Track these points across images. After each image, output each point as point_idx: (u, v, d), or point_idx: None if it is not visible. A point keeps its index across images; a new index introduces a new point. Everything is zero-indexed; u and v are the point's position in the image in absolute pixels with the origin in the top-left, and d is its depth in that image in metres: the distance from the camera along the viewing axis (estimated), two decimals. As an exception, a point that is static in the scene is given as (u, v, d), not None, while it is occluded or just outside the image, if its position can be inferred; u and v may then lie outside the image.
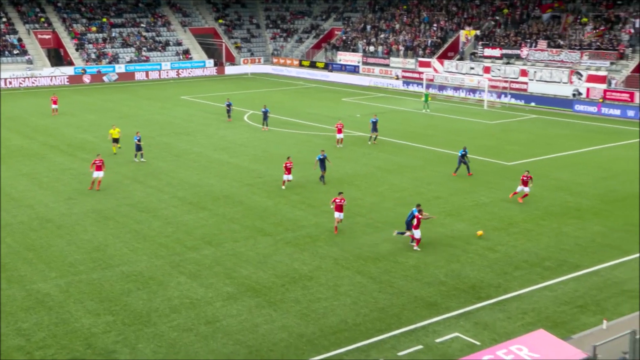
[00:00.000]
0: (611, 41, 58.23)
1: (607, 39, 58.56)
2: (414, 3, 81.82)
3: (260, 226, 26.63)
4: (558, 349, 14.16)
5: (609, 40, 58.36)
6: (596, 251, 23.77)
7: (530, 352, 13.77)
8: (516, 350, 13.85)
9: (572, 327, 18.35)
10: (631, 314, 18.99)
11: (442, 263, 22.81)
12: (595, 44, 58.52)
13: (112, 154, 37.92)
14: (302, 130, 46.19)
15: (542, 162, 36.88)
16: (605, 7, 63.08)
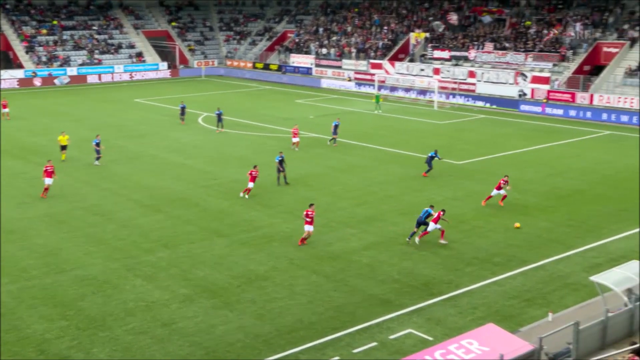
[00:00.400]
0: (553, 44, 59.63)
1: (549, 42, 59.95)
2: (365, 6, 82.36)
3: (216, 228, 26.43)
4: (506, 341, 14.45)
5: (551, 43, 59.76)
6: (542, 246, 24.31)
7: (480, 345, 14.02)
8: (467, 344, 14.09)
9: (520, 320, 18.72)
10: (575, 306, 19.52)
11: (396, 261, 23.01)
12: (538, 46, 59.83)
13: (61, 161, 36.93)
14: (256, 132, 46.02)
15: (490, 160, 37.54)
16: (547, 10, 64.57)
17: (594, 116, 50.77)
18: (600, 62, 57.10)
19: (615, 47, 56.53)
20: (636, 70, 53.37)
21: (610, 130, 46.30)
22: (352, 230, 25.97)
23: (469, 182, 32.95)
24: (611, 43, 57.11)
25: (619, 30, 58.01)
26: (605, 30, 58.75)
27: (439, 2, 74.87)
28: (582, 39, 58.78)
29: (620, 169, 35.39)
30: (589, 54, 57.34)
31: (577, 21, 60.65)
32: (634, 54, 55.60)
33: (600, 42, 57.63)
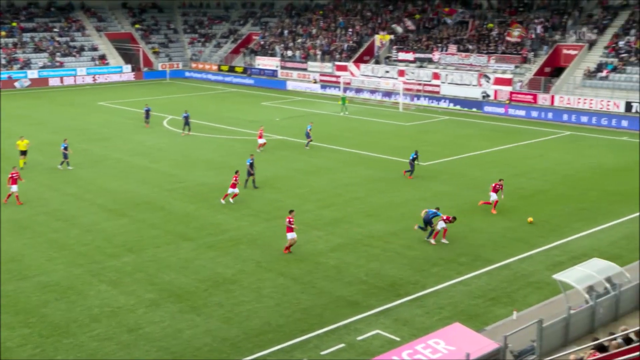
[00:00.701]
0: (515, 46, 60.52)
1: (511, 44, 60.82)
2: (329, 8, 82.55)
3: (182, 231, 26.19)
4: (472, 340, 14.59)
5: (513, 45, 60.64)
6: (506, 245, 24.63)
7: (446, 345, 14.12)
8: (434, 344, 14.18)
9: (485, 319, 18.93)
10: (538, 304, 19.81)
11: (362, 262, 23.07)
12: (499, 48, 60.64)
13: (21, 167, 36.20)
14: (222, 135, 45.76)
15: (455, 161, 37.91)
16: (508, 13, 65.50)
17: (555, 117, 51.64)
18: (560, 64, 58.12)
19: (575, 49, 57.60)
20: (595, 72, 54.46)
21: (571, 131, 47.14)
22: (319, 233, 25.97)
23: (434, 183, 33.23)
24: (570, 45, 58.18)
25: (577, 33, 59.14)
26: (564, 33, 59.84)
27: (402, 5, 75.45)
28: (543, 41, 59.78)
29: (580, 168, 36.06)
30: (549, 56, 58.32)
31: (538, 24, 61.66)
32: (592, 56, 56.72)
33: (560, 44, 58.68)
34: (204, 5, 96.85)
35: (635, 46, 54.50)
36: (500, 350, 14.82)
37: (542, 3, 64.90)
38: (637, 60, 53.37)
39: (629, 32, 56.50)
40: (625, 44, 55.44)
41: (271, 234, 25.78)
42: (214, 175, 34.69)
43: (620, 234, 25.70)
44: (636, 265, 21.28)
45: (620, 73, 53.16)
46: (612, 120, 48.72)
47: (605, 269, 18.45)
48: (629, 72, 52.93)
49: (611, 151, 40.47)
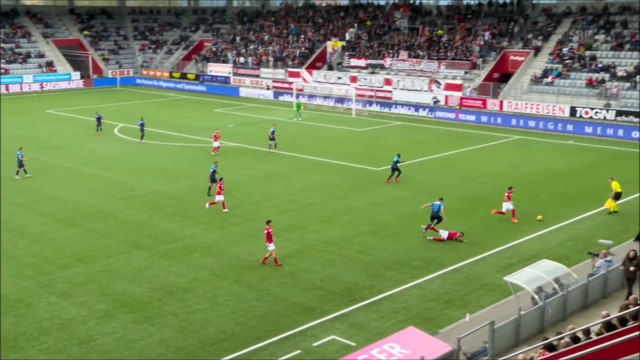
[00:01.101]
0: (464, 52, 61.63)
1: (460, 50, 61.91)
2: (281, 15, 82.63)
3: (134, 240, 25.80)
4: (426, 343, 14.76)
5: (462, 52, 61.73)
6: (459, 249, 24.99)
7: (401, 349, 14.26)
8: (389, 348, 14.30)
9: (439, 322, 19.16)
10: (490, 305, 20.16)
11: (318, 268, 23.11)
12: (449, 54, 61.65)
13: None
14: (175, 142, 45.28)
15: (408, 166, 38.28)
16: (457, 20, 66.68)
17: (504, 122, 52.72)
18: (508, 70, 59.41)
19: (521, 55, 58.97)
20: (541, 77, 55.85)
21: (519, 135, 48.18)
22: (274, 239, 25.85)
23: (388, 188, 33.52)
24: (517, 52, 59.55)
25: (523, 39, 60.59)
26: (511, 40, 61.23)
27: (353, 12, 76.02)
28: (491, 47, 61.01)
29: (529, 172, 36.87)
30: (497, 62, 59.56)
31: (486, 30, 62.93)
32: (538, 62, 58.17)
33: (507, 50, 59.99)
34: (154, 12, 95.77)
35: (578, 52, 56.13)
36: (454, 352, 15.05)
37: (489, 10, 66.28)
38: (580, 66, 54.95)
39: (572, 39, 58.15)
40: (568, 50, 57.04)
41: (225, 242, 25.62)
42: (167, 183, 34.29)
43: (567, 236, 26.38)
44: (583, 266, 21.88)
45: (565, 79, 54.66)
46: (558, 124, 50.01)
47: (554, 270, 18.93)
48: (573, 77, 54.46)
49: (558, 155, 41.52)
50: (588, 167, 37.92)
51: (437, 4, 74.52)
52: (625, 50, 54.51)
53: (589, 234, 26.46)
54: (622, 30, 56.30)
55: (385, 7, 74.11)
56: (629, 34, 55.56)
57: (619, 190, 29.31)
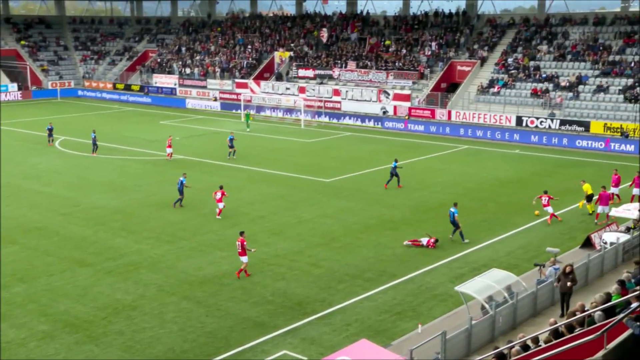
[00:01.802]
0: (412, 62, 62.54)
1: (408, 60, 62.79)
2: (227, 25, 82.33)
3: (78, 257, 25.18)
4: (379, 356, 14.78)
5: (410, 62, 62.62)
6: (410, 259, 25.20)
7: (354, 362, 14.22)
8: (341, 361, 14.25)
9: (392, 334, 19.25)
10: (442, 316, 20.37)
11: (269, 282, 22.96)
12: (397, 64, 62.46)
13: None
14: (120, 155, 44.49)
15: (358, 177, 38.54)
16: (404, 30, 67.66)
17: (452, 131, 53.63)
18: (455, 80, 60.54)
19: (468, 65, 60.20)
20: (487, 87, 57.09)
21: (468, 145, 49.06)
22: (223, 253, 25.66)
23: (338, 199, 33.63)
24: (464, 62, 60.76)
25: (470, 49, 61.88)
26: (458, 50, 62.46)
27: (301, 22, 76.33)
28: (438, 57, 62.09)
29: (478, 181, 37.53)
30: (444, 72, 60.63)
31: (433, 41, 64.04)
32: (484, 72, 59.47)
33: (454, 60, 61.17)
34: (96, 21, 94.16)
35: (523, 63, 57.64)
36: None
37: (436, 21, 67.49)
38: (525, 76, 56.42)
39: (516, 49, 59.69)
40: (513, 60, 58.52)
41: (173, 257, 25.24)
42: (112, 197, 33.64)
43: (516, 244, 26.91)
44: (532, 274, 22.34)
45: (511, 89, 56.00)
46: (505, 133, 51.12)
47: (504, 279, 19.27)
48: (518, 87, 55.85)
49: (506, 164, 42.41)
50: (534, 176, 38.84)
51: (384, 15, 75.56)
52: (567, 60, 56.23)
53: (537, 242, 27.06)
54: (564, 41, 58.08)
55: (333, 17, 74.65)
56: (570, 45, 57.36)
57: (590, 192, 30.58)
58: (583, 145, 47.44)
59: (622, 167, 34.25)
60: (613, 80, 52.38)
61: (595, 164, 41.84)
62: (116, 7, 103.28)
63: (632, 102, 49.51)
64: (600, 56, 54.56)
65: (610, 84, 52.11)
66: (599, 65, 54.06)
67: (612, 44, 55.63)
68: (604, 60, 54.12)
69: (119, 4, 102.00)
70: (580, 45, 56.65)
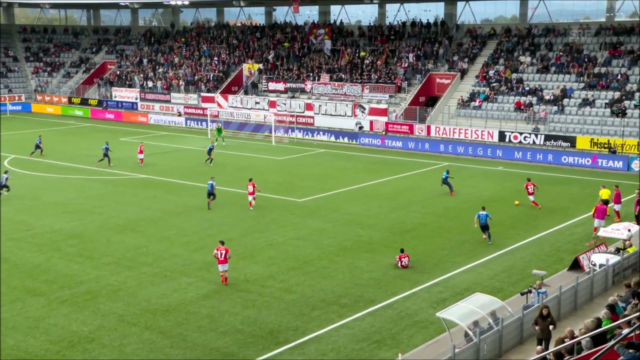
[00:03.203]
0: (389, 75, 63.11)
1: (384, 73, 63.37)
2: (192, 35, 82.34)
3: (29, 286, 24.79)
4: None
5: (386, 74, 63.20)
6: (389, 284, 25.25)
7: (332, 395, 14.17)
8: (318, 394, 14.18)
9: (371, 364, 19.23)
10: (423, 344, 20.42)
11: (238, 309, 22.83)
12: (373, 77, 62.98)
13: None
14: (77, 175, 44.03)
15: (333, 196, 38.62)
16: (380, 41, 68.32)
17: (431, 147, 54.09)
18: (434, 93, 61.20)
19: (447, 78, 60.94)
20: (468, 101, 57.79)
21: (448, 162, 49.45)
22: (189, 279, 25.48)
23: (311, 220, 33.64)
24: (443, 74, 61.50)
25: (449, 61, 62.68)
26: (436, 62, 63.21)
27: (271, 32, 76.68)
28: (416, 70, 62.75)
29: (460, 200, 37.83)
30: (423, 84, 61.28)
31: (410, 52, 64.74)
32: (465, 85, 60.24)
33: (433, 73, 61.88)
34: (49, 31, 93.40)
35: (505, 75, 58.50)
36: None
37: (413, 31, 68.28)
38: (507, 89, 57.24)
39: (497, 61, 60.59)
40: (495, 73, 59.37)
41: (135, 284, 24.98)
42: (69, 219, 33.26)
43: (500, 267, 27.13)
44: (517, 299, 22.53)
45: (493, 102, 56.77)
46: (487, 150, 51.73)
47: (488, 304, 19.39)
48: (501, 101, 56.65)
49: (488, 181, 42.85)
50: (518, 194, 39.24)
51: (359, 25, 76.25)
52: (551, 72, 57.23)
53: (522, 264, 27.31)
54: (547, 53, 59.14)
55: (304, 27, 75.15)
56: (554, 57, 58.40)
57: (605, 197, 31.73)
58: (569, 162, 48.17)
59: (609, 185, 34.79)
60: (599, 93, 53.41)
61: (582, 181, 42.48)
62: (71, 15, 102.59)
63: (619, 116, 50.49)
64: (586, 68, 55.64)
65: (597, 97, 53.13)
66: (584, 77, 55.13)
67: (597, 55, 56.79)
68: (589, 72, 55.20)
69: (74, 12, 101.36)
70: (564, 56, 57.72)
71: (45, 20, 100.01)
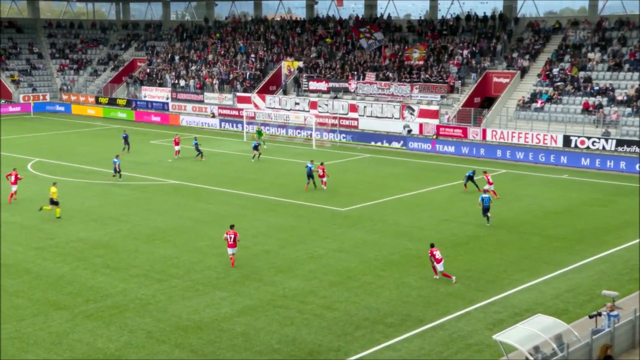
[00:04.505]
0: (440, 73, 62.76)
1: (436, 72, 63.04)
2: (227, 31, 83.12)
3: (53, 299, 25.24)
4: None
5: (438, 73, 62.86)
6: (440, 302, 25.05)
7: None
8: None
9: (420, 390, 19.08)
10: (480, 369, 20.18)
11: (275, 327, 22.89)
12: (423, 76, 62.68)
13: None
14: (105, 180, 44.75)
15: (378, 205, 38.50)
16: (431, 37, 68.02)
17: (487, 153, 53.61)
18: (491, 94, 60.67)
19: (506, 77, 60.36)
20: (529, 102, 57.12)
21: (506, 169, 48.97)
22: (223, 294, 25.65)
23: (355, 231, 33.59)
24: (501, 72, 60.95)
25: (508, 58, 62.08)
26: (494, 59, 62.67)
27: (312, 27, 76.98)
28: (471, 67, 62.29)
29: (519, 211, 37.38)
30: (478, 84, 60.82)
31: (464, 48, 64.32)
32: (525, 85, 59.59)
33: (490, 71, 61.35)
34: (76, 26, 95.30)
35: (571, 73, 57.65)
36: None
37: (468, 26, 67.85)
38: (573, 89, 56.41)
39: (562, 58, 59.78)
40: (559, 71, 58.57)
41: (165, 298, 25.24)
42: (94, 228, 33.79)
43: (565, 286, 26.68)
44: (584, 322, 22.09)
45: (557, 103, 56.01)
46: (550, 156, 51.04)
47: (551, 327, 19.05)
48: (566, 102, 55.85)
49: (551, 191, 42.26)
50: (585, 205, 38.65)
51: (408, 18, 76.09)
52: (624, 70, 56.21)
53: (590, 283, 26.83)
54: (620, 48, 58.12)
55: (349, 22, 75.28)
56: (628, 52, 57.37)
57: None
58: (643, 170, 47.28)
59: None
60: (677, 93, 52.32)
61: (656, 192, 41.65)
62: (99, 9, 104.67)
63: (699, 119, 49.37)
64: (664, 65, 54.60)
65: (674, 98, 52.06)
66: (662, 75, 54.08)
67: (676, 51, 55.67)
68: (667, 70, 54.16)
69: (103, 5, 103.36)
70: (639, 52, 56.66)
71: (72, 14, 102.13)
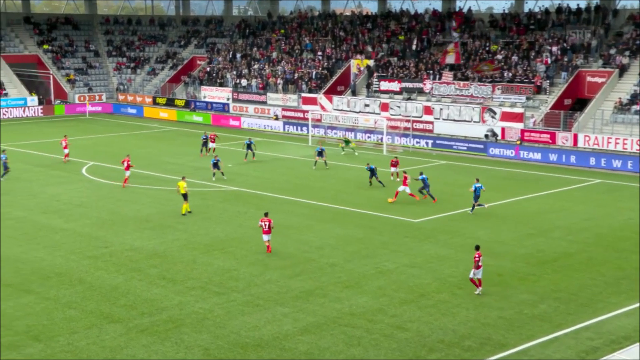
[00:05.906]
0: (526, 72, 61.88)
1: (521, 70, 62.19)
2: (292, 27, 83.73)
3: (107, 311, 25.75)
4: None
5: (523, 72, 62.00)
6: (523, 325, 24.65)
7: None
8: None
9: (501, 420, 18.82)
10: (569, 400, 19.77)
11: (341, 347, 22.87)
12: (506, 75, 61.93)
13: None
14: (160, 186, 45.54)
15: (455, 217, 38.18)
16: (516, 32, 67.13)
17: (579, 161, 52.64)
18: (583, 95, 59.58)
19: (601, 76, 59.16)
20: (628, 104, 55.82)
21: (601, 179, 47.96)
22: (285, 309, 25.76)
23: (429, 244, 33.37)
24: (596, 71, 59.77)
25: (604, 56, 60.80)
26: (588, 56, 61.47)
27: (384, 23, 76.93)
28: (561, 66, 61.26)
29: (617, 226, 36.54)
30: (569, 84, 59.76)
31: (553, 45, 63.28)
32: (624, 85, 58.27)
33: (583, 70, 60.22)
34: (133, 22, 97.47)
35: (677, 72, 56.18)
36: None
37: (559, 19, 66.74)
38: (678, 90, 54.95)
39: (667, 54, 58.33)
40: (664, 69, 57.17)
41: (223, 313, 25.49)
42: (150, 236, 34.37)
43: (667, 309, 25.97)
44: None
45: (659, 106, 54.66)
46: (654, 164, 49.86)
47: (653, 356, 18.54)
48: (669, 104, 54.46)
49: (651, 203, 41.22)
50: (690, 220, 37.58)
51: (490, 12, 75.36)
52: None
53: (695, 306, 26.03)
54: None
55: (424, 17, 74.96)
56: None
57: None
58: None
59: None
60: None
61: None
62: (158, 5, 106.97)
63: None
64: None
65: None
66: None
67: None
68: None
69: (162, 0, 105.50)
70: None
71: (130, 10, 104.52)
